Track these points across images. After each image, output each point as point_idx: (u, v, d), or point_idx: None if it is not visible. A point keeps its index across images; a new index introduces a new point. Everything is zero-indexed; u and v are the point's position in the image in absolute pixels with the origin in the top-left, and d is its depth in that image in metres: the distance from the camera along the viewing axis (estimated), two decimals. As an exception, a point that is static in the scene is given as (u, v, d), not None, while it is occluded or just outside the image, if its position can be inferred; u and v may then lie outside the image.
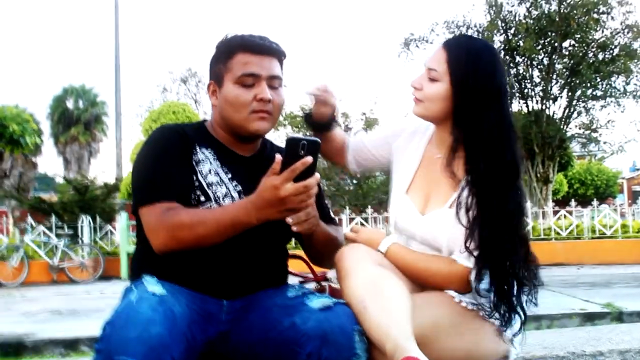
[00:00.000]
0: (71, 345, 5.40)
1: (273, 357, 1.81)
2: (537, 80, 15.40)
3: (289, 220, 1.78)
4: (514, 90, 15.21)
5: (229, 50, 1.99)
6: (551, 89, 15.17)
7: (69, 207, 14.64)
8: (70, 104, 38.73)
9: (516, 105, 15.74)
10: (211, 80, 2.04)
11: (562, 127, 15.25)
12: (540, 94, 15.27)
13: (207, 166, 1.97)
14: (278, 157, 1.70)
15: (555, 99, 15.39)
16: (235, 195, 1.95)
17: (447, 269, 1.96)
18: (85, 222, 12.91)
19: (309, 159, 1.66)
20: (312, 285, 2.18)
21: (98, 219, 13.28)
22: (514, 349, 2.05)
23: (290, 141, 1.68)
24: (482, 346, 1.98)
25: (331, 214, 2.21)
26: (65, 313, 7.36)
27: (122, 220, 12.89)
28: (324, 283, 2.20)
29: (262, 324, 1.85)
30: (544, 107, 15.24)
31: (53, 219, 12.69)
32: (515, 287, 1.94)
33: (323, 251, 2.06)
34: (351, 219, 13.33)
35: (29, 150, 12.88)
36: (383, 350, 1.69)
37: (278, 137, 20.94)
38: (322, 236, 2.01)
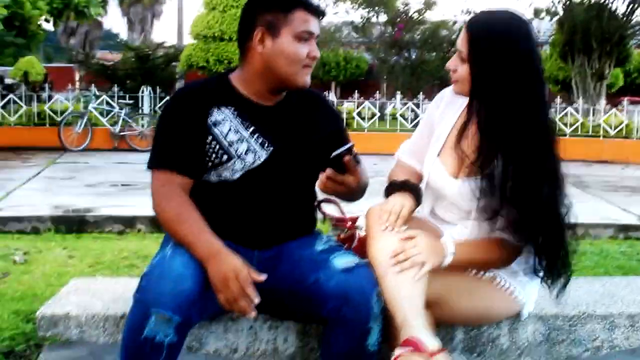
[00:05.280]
0: (129, 222, 5.79)
1: (299, 308, 2.03)
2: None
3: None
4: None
5: (288, 3, 2.02)
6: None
7: (132, 75, 14.96)
8: (136, -35, 38.31)
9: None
10: (260, 27, 2.02)
11: (623, 23, 14.57)
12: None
13: (227, 125, 2.03)
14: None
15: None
16: (258, 147, 2.03)
17: (504, 254, 2.03)
18: (145, 93, 13.21)
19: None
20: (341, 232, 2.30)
21: (158, 89, 13.52)
22: (526, 309, 2.18)
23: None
24: (494, 307, 2.12)
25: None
26: (124, 187, 7.79)
27: (181, 91, 13.13)
28: (353, 230, 2.31)
29: (290, 276, 1.99)
30: (606, 1, 14.51)
31: (115, 88, 13.02)
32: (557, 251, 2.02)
33: (349, 193, 2.16)
34: (404, 104, 13.27)
35: (93, 20, 13.04)
36: (394, 319, 1.85)
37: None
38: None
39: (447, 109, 2.20)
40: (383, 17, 18.02)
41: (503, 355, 2.26)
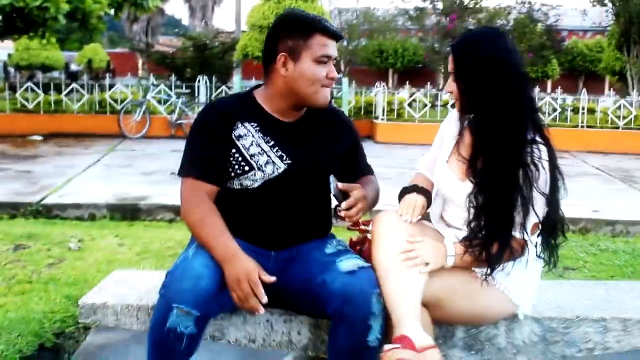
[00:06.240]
0: (179, 211, 6.05)
1: (308, 306, 2.24)
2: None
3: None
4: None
5: (308, 29, 2.23)
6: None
7: (190, 64, 15.35)
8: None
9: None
10: (282, 52, 2.23)
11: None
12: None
13: (250, 139, 2.26)
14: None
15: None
16: (277, 160, 2.25)
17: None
18: (202, 82, 13.55)
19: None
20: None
21: (214, 79, 13.84)
22: (522, 310, 2.34)
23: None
24: (490, 308, 2.29)
25: (367, 164, 2.56)
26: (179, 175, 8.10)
27: (237, 80, 13.49)
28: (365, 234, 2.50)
29: (301, 277, 2.21)
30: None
31: (173, 78, 13.41)
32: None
33: (370, 205, 2.37)
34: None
35: (150, 12, 13.47)
36: (391, 318, 2.06)
37: None
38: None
39: (456, 124, 2.39)
40: (438, 6, 17.91)
41: (500, 354, 2.42)
